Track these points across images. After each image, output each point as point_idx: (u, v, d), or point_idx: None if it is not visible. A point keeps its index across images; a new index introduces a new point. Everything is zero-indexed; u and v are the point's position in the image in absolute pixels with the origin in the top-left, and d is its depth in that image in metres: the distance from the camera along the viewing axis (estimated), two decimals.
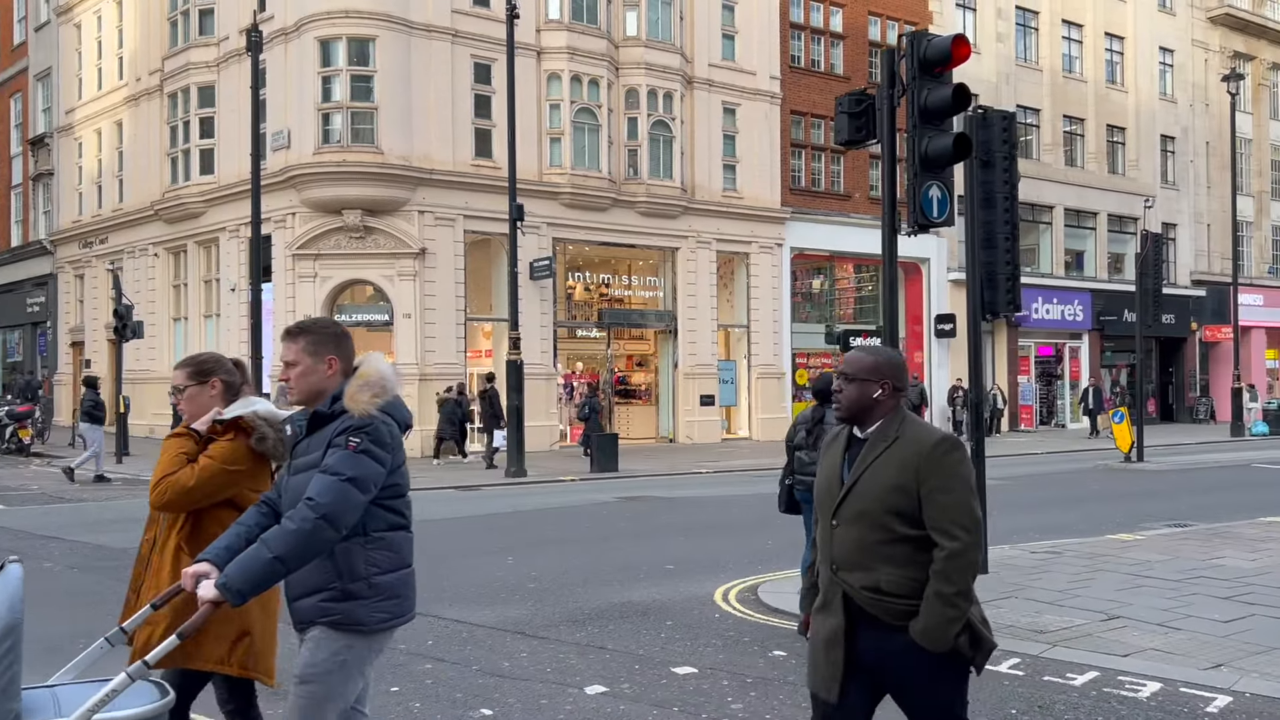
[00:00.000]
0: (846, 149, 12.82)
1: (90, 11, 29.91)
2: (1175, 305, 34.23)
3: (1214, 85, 37.10)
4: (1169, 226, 36.30)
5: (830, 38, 29.22)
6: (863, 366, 3.15)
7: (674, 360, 26.26)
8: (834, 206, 28.88)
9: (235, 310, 23.57)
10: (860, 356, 3.20)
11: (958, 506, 2.98)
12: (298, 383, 3.28)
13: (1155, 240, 20.50)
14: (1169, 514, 12.86)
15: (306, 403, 3.29)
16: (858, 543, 3.05)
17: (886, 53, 7.88)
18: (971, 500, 3.02)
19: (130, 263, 27.48)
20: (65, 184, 31.52)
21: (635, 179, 24.95)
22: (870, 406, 3.13)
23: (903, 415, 3.13)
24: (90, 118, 29.93)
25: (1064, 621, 7.02)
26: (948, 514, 2.96)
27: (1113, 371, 35.73)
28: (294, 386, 3.29)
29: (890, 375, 3.14)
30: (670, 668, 6.05)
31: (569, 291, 25.94)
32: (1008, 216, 8.92)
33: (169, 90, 25.78)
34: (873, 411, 3.13)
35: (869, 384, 3.13)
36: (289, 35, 22.42)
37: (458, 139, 22.80)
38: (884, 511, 3.01)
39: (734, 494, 15.50)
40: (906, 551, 3.00)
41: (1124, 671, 5.87)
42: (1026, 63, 33.51)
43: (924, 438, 3.06)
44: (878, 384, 3.13)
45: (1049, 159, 33.72)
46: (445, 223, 22.59)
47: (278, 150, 22.39)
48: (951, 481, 3.00)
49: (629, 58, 24.90)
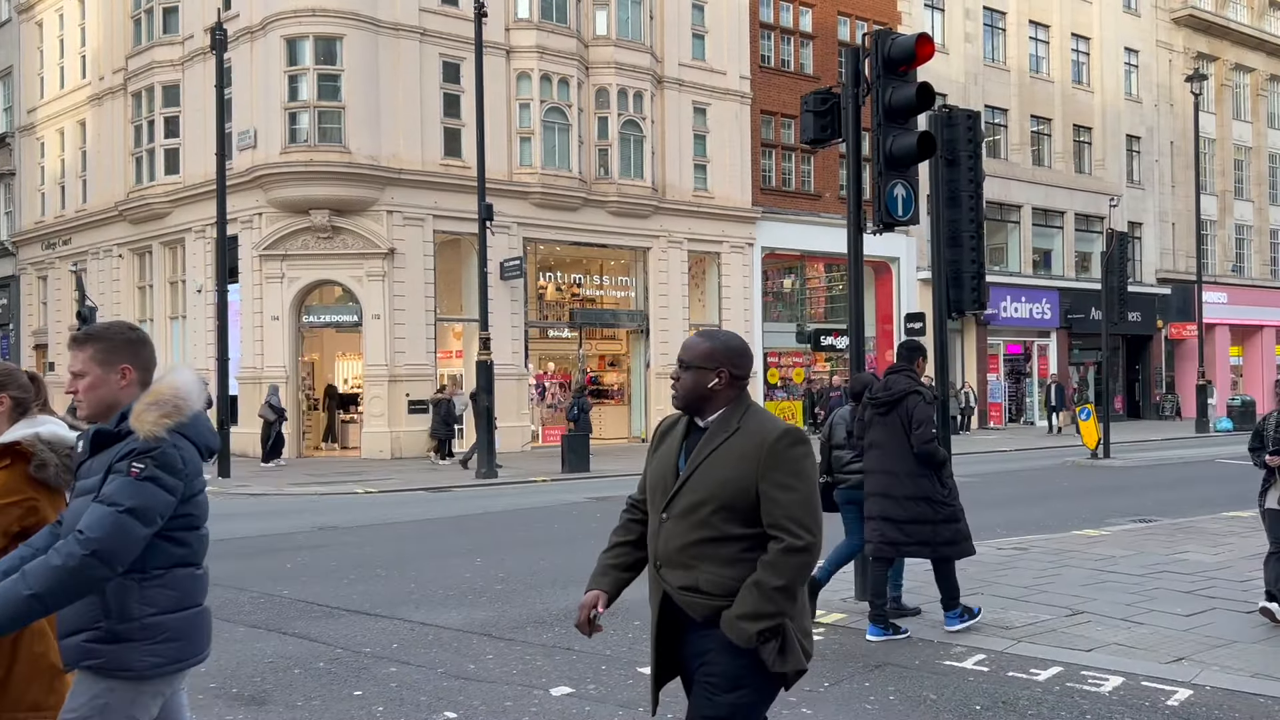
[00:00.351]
0: (812, 148, 12.85)
1: (52, 9, 29.48)
2: (1141, 303, 34.67)
3: (1178, 86, 37.61)
4: (1135, 225, 36.76)
5: (800, 37, 29.33)
6: (698, 353, 2.94)
7: (646, 360, 26.26)
8: (804, 206, 28.99)
9: (201, 312, 23.31)
10: (696, 343, 2.99)
11: (800, 504, 2.77)
12: (86, 396, 2.90)
13: (1121, 239, 20.73)
14: (1134, 510, 12.99)
15: (98, 419, 2.91)
16: (683, 539, 2.84)
17: (851, 51, 7.90)
18: (815, 499, 2.82)
19: (94, 264, 27.11)
20: (27, 184, 31.05)
21: (606, 179, 24.91)
22: (707, 395, 2.92)
23: (746, 405, 2.92)
24: (52, 117, 29.50)
25: (1029, 617, 7.06)
26: (788, 512, 2.76)
27: (1080, 369, 36.11)
28: (83, 400, 2.92)
29: (727, 361, 2.92)
30: (637, 667, 6.02)
31: (540, 292, 25.87)
32: (973, 215, 8.97)
33: (133, 89, 25.46)
34: (711, 400, 2.93)
35: (704, 372, 2.92)
36: (255, 34, 22.19)
37: (426, 138, 22.67)
38: (716, 507, 2.80)
39: None
40: (734, 551, 2.79)
41: (1087, 666, 5.91)
42: (994, 63, 33.80)
43: (767, 430, 2.84)
44: (713, 371, 2.91)
45: (1017, 159, 34.03)
46: (414, 223, 22.45)
47: (244, 150, 22.16)
48: (794, 478, 2.79)
49: (599, 57, 24.86)
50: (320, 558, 10.08)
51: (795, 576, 2.75)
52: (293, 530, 11.92)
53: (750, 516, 2.79)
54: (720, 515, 2.80)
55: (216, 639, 6.66)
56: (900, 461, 6.56)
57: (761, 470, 2.78)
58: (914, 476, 6.53)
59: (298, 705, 5.39)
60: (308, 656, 6.31)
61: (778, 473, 2.78)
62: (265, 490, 16.33)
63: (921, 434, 6.49)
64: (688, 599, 2.83)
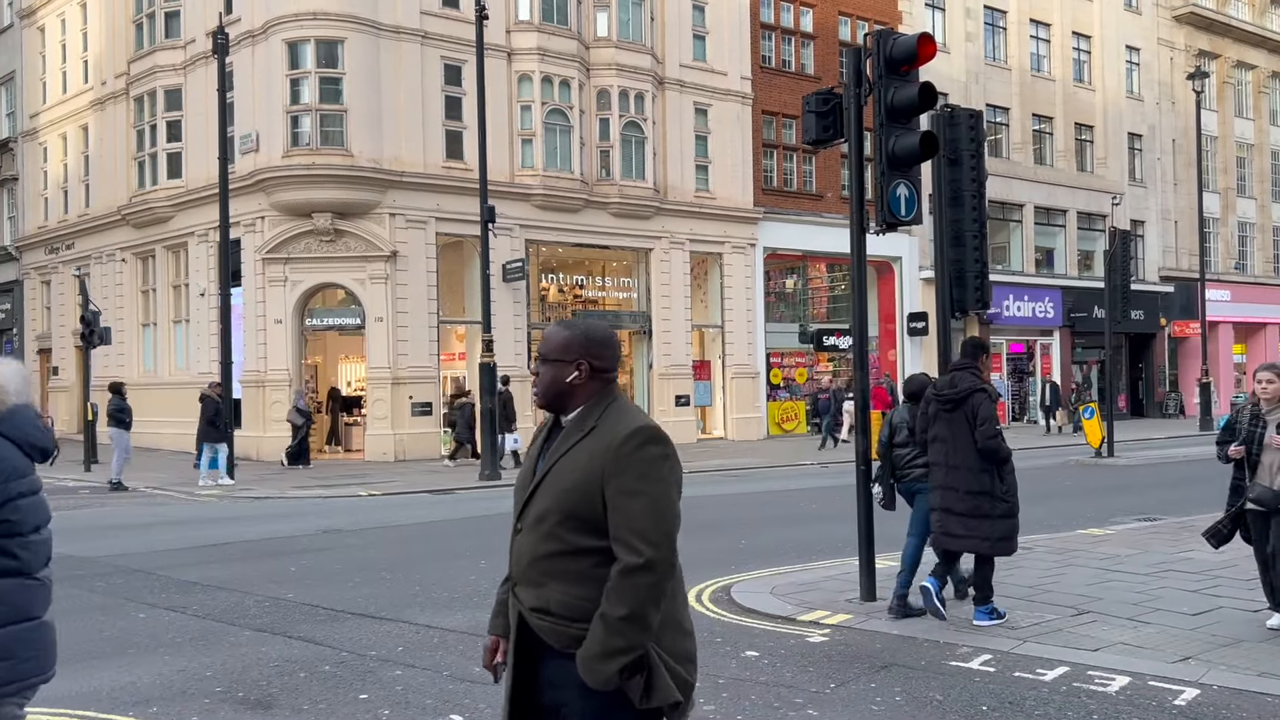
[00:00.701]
0: (814, 148, 12.83)
1: (54, 15, 29.52)
2: (1144, 302, 34.62)
3: (1180, 83, 37.57)
4: (1137, 224, 36.71)
5: (801, 38, 29.32)
6: (555, 345, 2.64)
7: (649, 361, 26.25)
8: (806, 206, 28.98)
9: (205, 315, 23.32)
10: (554, 333, 2.68)
11: (644, 514, 2.44)
12: None
13: (1124, 237, 20.71)
14: (1139, 508, 12.97)
15: None
16: (532, 552, 2.55)
17: (852, 51, 7.89)
18: (665, 507, 2.47)
19: (98, 268, 27.14)
20: (30, 189, 31.09)
21: (607, 180, 24.91)
22: (566, 391, 2.62)
23: (609, 401, 2.61)
24: (55, 122, 29.54)
25: (1034, 617, 7.05)
26: (630, 522, 2.43)
27: (1084, 367, 36.07)
28: None
29: (586, 353, 2.61)
30: None
31: (543, 293, 25.87)
32: (975, 214, 8.97)
33: (135, 94, 25.48)
34: (573, 397, 2.62)
35: (562, 365, 2.62)
36: (256, 37, 22.21)
37: (428, 141, 22.68)
38: (562, 516, 2.50)
39: (708, 494, 15.48)
40: (584, 567, 2.48)
41: (1094, 666, 5.91)
42: (995, 62, 33.77)
43: (617, 429, 2.51)
44: (572, 364, 2.61)
45: (1018, 157, 34.00)
46: (417, 225, 22.46)
47: (246, 153, 22.18)
48: (641, 483, 2.45)
49: (600, 58, 24.87)
50: (325, 561, 10.08)
51: (643, 601, 2.40)
52: (297, 533, 11.92)
53: (601, 527, 2.48)
54: (567, 526, 2.49)
55: (222, 642, 6.72)
56: (964, 456, 6.79)
57: (607, 475, 2.47)
58: (975, 471, 6.76)
59: (304, 709, 5.39)
60: (313, 660, 6.31)
61: (623, 477, 2.45)
62: (269, 493, 16.34)
63: (986, 430, 6.70)
64: (539, 622, 2.53)
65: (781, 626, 7.05)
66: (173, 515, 14.02)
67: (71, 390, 27.97)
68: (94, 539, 11.44)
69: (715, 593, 8.20)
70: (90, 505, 15.04)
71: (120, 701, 5.52)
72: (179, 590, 8.56)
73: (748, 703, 5.40)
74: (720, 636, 6.80)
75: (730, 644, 6.59)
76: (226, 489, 16.84)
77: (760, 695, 5.52)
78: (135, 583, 8.92)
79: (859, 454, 7.81)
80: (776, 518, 12.93)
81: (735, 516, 13.00)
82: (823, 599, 7.76)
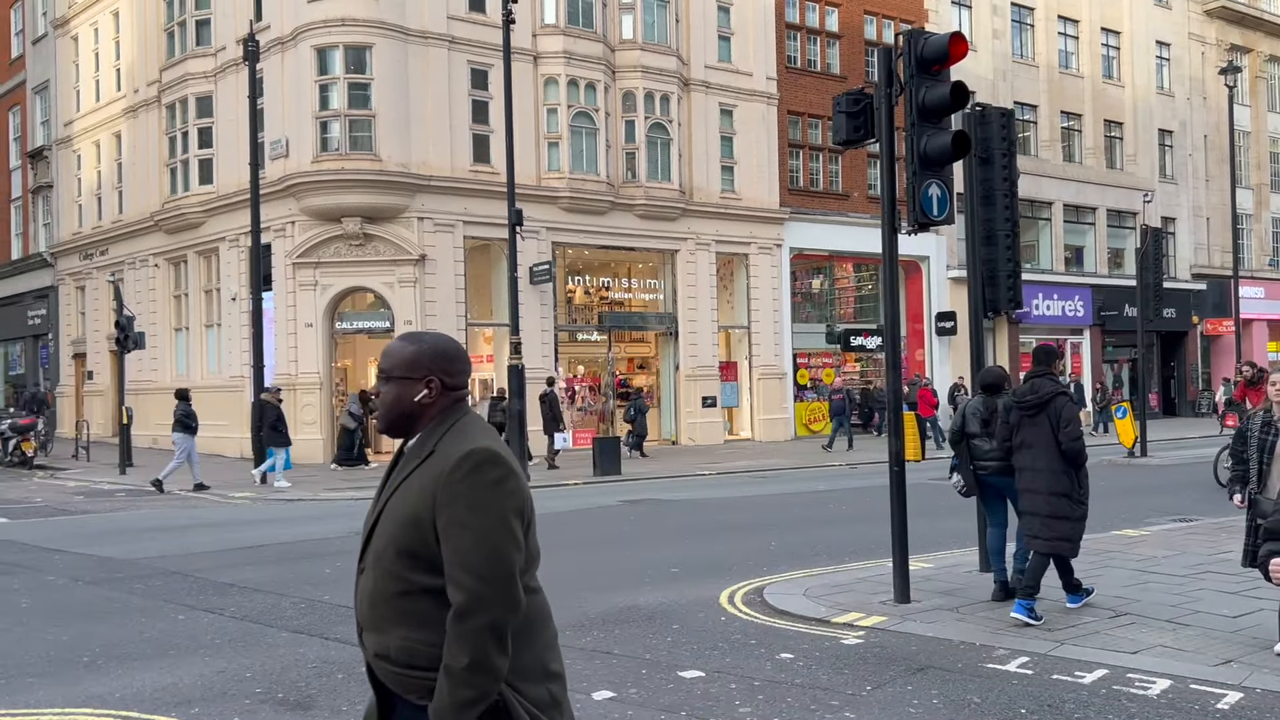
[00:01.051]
0: (845, 149, 12.79)
1: (87, 24, 29.94)
2: (1176, 299, 34.21)
3: (1211, 78, 37.12)
4: (1168, 220, 36.30)
5: (826, 37, 29.22)
6: (400, 360, 2.37)
7: (675, 362, 26.25)
8: (832, 206, 28.87)
9: (236, 320, 23.56)
10: (398, 348, 2.41)
11: (474, 548, 2.18)
12: None
13: (1155, 235, 20.49)
14: (1174, 509, 12.83)
15: None
16: (373, 594, 2.31)
17: (884, 51, 7.87)
18: (499, 540, 2.20)
19: (131, 274, 27.49)
20: (65, 196, 31.54)
21: (633, 182, 24.95)
22: (415, 412, 2.36)
23: (452, 421, 2.35)
24: (89, 130, 29.95)
25: (1071, 619, 7.00)
26: (458, 558, 2.19)
27: (1114, 366, 35.71)
28: None
29: (437, 368, 2.37)
30: (677, 672, 6.03)
31: (569, 295, 25.94)
32: (1008, 214, 8.92)
33: (167, 101, 25.79)
34: (420, 418, 2.36)
35: (410, 383, 2.35)
36: (286, 44, 22.43)
37: (456, 145, 22.81)
38: (398, 552, 2.26)
39: (737, 495, 15.48)
40: (426, 608, 2.24)
41: (1133, 669, 5.85)
42: (1023, 59, 33.51)
43: (450, 453, 2.27)
44: (421, 381, 2.35)
45: (1047, 155, 33.71)
46: (444, 229, 22.59)
47: (276, 159, 22.39)
48: (471, 514, 2.20)
49: (625, 61, 24.91)
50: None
51: (483, 646, 2.17)
52: (330, 535, 12.02)
53: (438, 564, 2.24)
54: (404, 563, 2.26)
55: (260, 644, 6.81)
56: (1048, 459, 7.00)
57: (438, 506, 2.23)
58: (1057, 474, 6.98)
59: (342, 710, 5.43)
60: (351, 661, 6.36)
61: (453, 508, 2.21)
62: (301, 495, 16.48)
63: (1070, 431, 6.95)
64: (383, 669, 2.30)
65: (815, 628, 7.04)
66: (208, 518, 14.18)
67: (106, 394, 28.34)
68: (131, 542, 11.60)
69: (747, 594, 8.19)
70: (126, 508, 15.24)
71: (163, 702, 5.60)
72: (216, 592, 8.66)
73: (784, 705, 5.40)
74: (754, 639, 6.79)
75: (764, 646, 6.59)
76: (260, 492, 17.01)
77: (796, 697, 5.51)
78: (173, 585, 9.04)
79: (892, 455, 7.78)
80: (806, 519, 12.90)
81: (764, 518, 12.98)
82: (856, 601, 7.73)
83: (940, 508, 12.30)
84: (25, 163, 33.84)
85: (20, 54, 34.24)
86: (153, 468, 18.90)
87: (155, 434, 25.11)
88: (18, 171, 34.81)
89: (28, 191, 33.86)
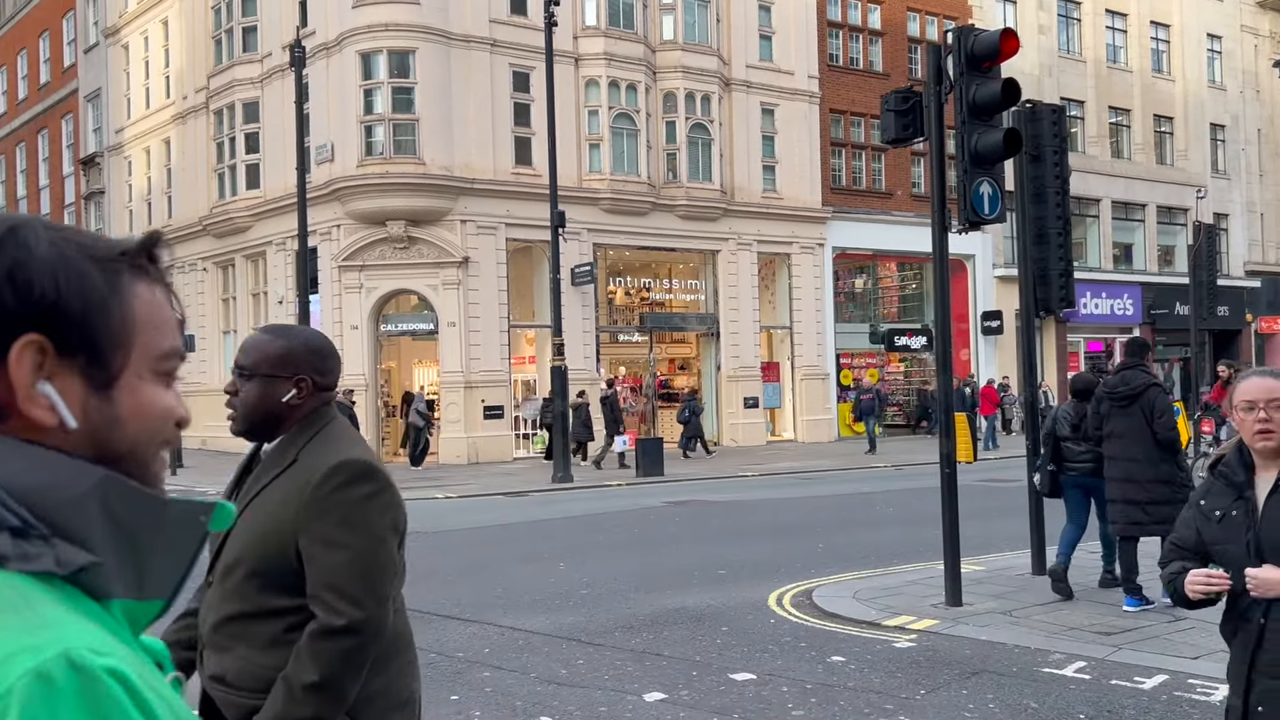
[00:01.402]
0: (893, 147, 12.68)
1: (137, 33, 30.53)
2: (1229, 297, 33.49)
3: (1265, 71, 36.30)
4: (1221, 217, 35.56)
5: (869, 35, 29.00)
6: (267, 356, 2.15)
7: (717, 363, 26.18)
8: (875, 205, 28.64)
9: (283, 322, 23.88)
10: (264, 342, 2.19)
11: (347, 568, 2.01)
12: None
13: (1209, 231, 20.09)
14: None
15: None
16: (218, 611, 2.13)
17: (933, 49, 7.79)
18: (375, 560, 2.05)
19: (180, 277, 27.99)
20: (116, 202, 32.18)
21: (674, 182, 24.93)
22: (281, 413, 2.15)
23: (318, 427, 2.16)
24: (139, 136, 30.54)
25: (1129, 622, 6.88)
26: (328, 578, 2.01)
27: (1166, 365, 35.05)
28: None
29: (309, 367, 2.16)
30: (728, 674, 6.01)
31: (610, 296, 25.99)
32: (1059, 211, 8.79)
33: (214, 107, 26.23)
34: (286, 420, 2.17)
35: (277, 382, 2.14)
36: (330, 50, 22.70)
37: (498, 148, 22.95)
38: (249, 570, 2.08)
39: (782, 497, 15.40)
40: (275, 631, 2.07)
41: (1194, 674, 5.73)
42: (1069, 54, 33.02)
43: (318, 463, 2.07)
44: (291, 381, 2.14)
45: (1095, 151, 33.19)
46: (487, 231, 22.73)
47: (322, 163, 22.68)
48: (343, 531, 2.03)
49: (666, 61, 24.91)
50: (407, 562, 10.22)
51: (339, 668, 1.99)
52: None
53: (295, 584, 2.06)
54: (255, 582, 2.08)
55: None
56: (1143, 449, 7.19)
57: (302, 521, 2.04)
58: (1155, 462, 7.16)
59: None
60: None
61: (322, 523, 2.03)
62: None
63: (1165, 422, 7.16)
64: (215, 691, 2.12)
65: (866, 631, 6.98)
66: None
67: None
68: None
69: (796, 597, 8.15)
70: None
71: None
72: None
73: (836, 708, 5.36)
74: (804, 641, 6.75)
75: (815, 649, 6.55)
76: None
77: (849, 701, 5.47)
78: None
79: (943, 457, 7.70)
80: (852, 521, 12.80)
81: (810, 519, 12.91)
82: (906, 604, 7.66)
83: (991, 509, 12.16)
84: (78, 169, 34.58)
85: (72, 63, 34.98)
86: (203, 469, 19.21)
87: (204, 435, 25.53)
88: (71, 178, 35.57)
89: (80, 198, 34.59)
